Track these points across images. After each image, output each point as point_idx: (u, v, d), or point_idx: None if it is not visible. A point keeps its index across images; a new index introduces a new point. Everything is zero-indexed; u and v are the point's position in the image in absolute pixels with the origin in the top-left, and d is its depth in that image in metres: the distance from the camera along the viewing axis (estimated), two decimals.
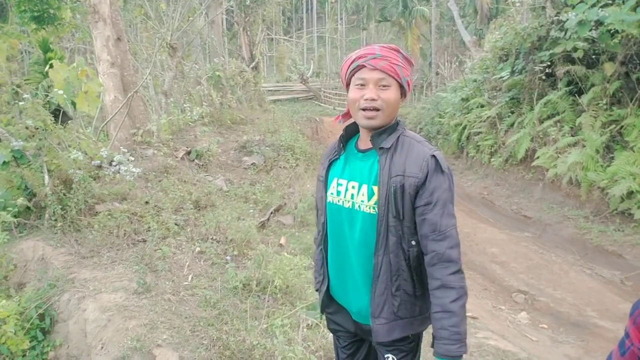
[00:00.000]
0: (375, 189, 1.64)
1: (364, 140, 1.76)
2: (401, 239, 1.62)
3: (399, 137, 1.67)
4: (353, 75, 1.69)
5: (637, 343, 0.98)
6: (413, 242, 1.63)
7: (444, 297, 1.55)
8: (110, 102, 7.75)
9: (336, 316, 1.90)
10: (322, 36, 39.13)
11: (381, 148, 1.65)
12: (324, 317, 1.99)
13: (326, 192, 1.80)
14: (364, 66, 1.65)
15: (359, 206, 1.68)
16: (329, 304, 1.91)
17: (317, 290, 1.94)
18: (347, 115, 1.83)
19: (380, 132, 1.68)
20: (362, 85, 1.66)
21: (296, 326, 3.51)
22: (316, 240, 1.94)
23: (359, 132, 1.80)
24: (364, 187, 1.67)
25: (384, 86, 1.64)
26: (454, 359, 1.53)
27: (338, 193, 1.75)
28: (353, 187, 1.71)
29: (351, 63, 1.69)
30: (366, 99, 1.63)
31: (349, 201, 1.71)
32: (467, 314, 4.40)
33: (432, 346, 1.58)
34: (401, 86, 1.67)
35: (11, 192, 4.97)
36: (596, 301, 5.05)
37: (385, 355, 1.74)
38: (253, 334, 3.28)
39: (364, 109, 1.64)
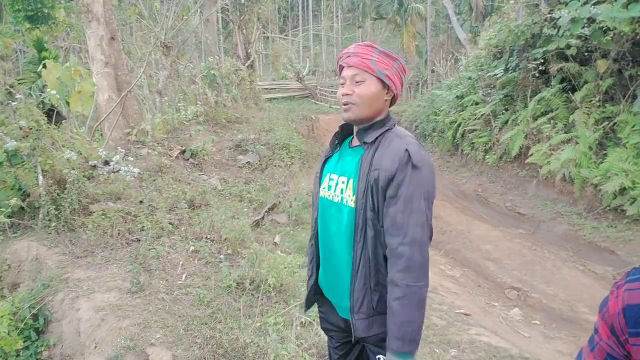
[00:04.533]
0: None
1: (355, 138, 1.81)
2: (378, 233, 1.63)
3: (385, 132, 1.70)
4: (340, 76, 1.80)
5: (605, 338, 1.01)
6: None
7: (390, 293, 1.56)
8: (104, 101, 7.74)
9: (328, 315, 1.91)
10: (317, 34, 39.06)
11: (365, 143, 1.70)
12: (317, 314, 1.99)
13: (320, 188, 1.84)
14: (343, 66, 1.75)
15: (346, 200, 1.71)
16: (322, 302, 1.93)
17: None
18: None
19: (366, 128, 1.73)
20: (342, 83, 1.74)
21: (289, 324, 3.53)
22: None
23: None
24: (351, 182, 1.71)
25: (357, 81, 1.69)
26: (401, 355, 1.53)
27: (329, 188, 1.79)
28: (343, 182, 1.74)
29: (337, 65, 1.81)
30: (342, 95, 1.72)
31: (338, 196, 1.75)
32: (460, 311, 4.44)
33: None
34: (382, 81, 1.69)
35: (5, 192, 4.96)
36: (588, 297, 5.08)
37: (377, 357, 1.72)
38: (246, 332, 3.30)
39: (343, 104, 1.72)
